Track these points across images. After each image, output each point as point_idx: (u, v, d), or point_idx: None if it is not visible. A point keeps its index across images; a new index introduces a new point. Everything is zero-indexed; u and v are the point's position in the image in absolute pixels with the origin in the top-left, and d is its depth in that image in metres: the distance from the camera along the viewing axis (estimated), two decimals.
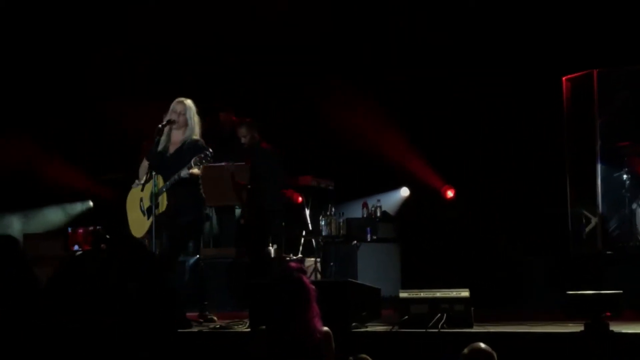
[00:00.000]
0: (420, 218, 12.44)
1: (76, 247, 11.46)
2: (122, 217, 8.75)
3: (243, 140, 10.73)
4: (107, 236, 11.34)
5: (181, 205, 8.24)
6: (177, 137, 8.33)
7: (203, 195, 8.46)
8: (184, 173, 8.08)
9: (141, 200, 8.47)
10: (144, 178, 8.37)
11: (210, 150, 8.16)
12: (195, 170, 8.15)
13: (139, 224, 8.47)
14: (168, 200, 8.23)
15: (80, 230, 12.08)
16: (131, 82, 12.24)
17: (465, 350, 4.84)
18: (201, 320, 8.18)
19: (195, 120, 8.35)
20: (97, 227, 11.82)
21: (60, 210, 12.94)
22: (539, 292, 9.95)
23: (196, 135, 8.33)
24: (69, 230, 11.85)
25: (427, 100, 12.15)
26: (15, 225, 12.52)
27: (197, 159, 8.06)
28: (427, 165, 12.44)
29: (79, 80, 12.47)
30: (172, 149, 8.34)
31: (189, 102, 8.38)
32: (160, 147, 8.36)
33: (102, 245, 11.14)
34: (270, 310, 5.39)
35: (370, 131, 12.19)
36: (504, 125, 11.82)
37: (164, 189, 8.21)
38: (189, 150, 8.18)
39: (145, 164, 8.42)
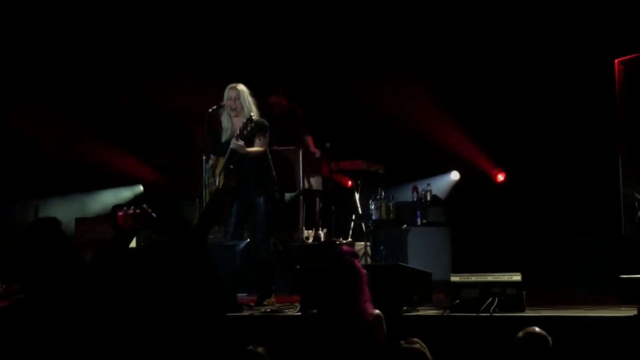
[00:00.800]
0: (471, 202, 12.36)
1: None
2: (173, 201, 8.84)
3: None
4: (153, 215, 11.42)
5: (249, 185, 8.30)
6: (238, 123, 8.39)
7: (274, 176, 8.51)
8: (233, 143, 8.13)
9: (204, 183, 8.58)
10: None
11: (260, 121, 8.21)
12: (254, 148, 8.22)
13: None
14: (225, 178, 8.30)
15: (120, 213, 12.13)
16: (181, 65, 12.23)
17: (520, 334, 4.81)
18: (252, 304, 8.22)
19: (250, 102, 8.40)
20: (141, 207, 11.89)
21: (111, 194, 13.02)
22: (591, 275, 9.85)
23: (255, 116, 8.37)
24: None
25: (477, 83, 12.07)
26: (67, 209, 12.63)
27: (242, 126, 8.11)
28: (477, 148, 12.37)
29: (128, 62, 12.48)
30: (235, 134, 8.40)
31: (241, 86, 8.44)
32: (224, 138, 8.44)
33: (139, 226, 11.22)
34: (322, 294, 5.39)
35: (421, 115, 12.13)
36: (556, 108, 11.73)
37: (222, 169, 8.30)
38: (251, 129, 8.22)
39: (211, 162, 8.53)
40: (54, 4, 11.78)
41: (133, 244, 11.29)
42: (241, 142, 8.13)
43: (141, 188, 13.02)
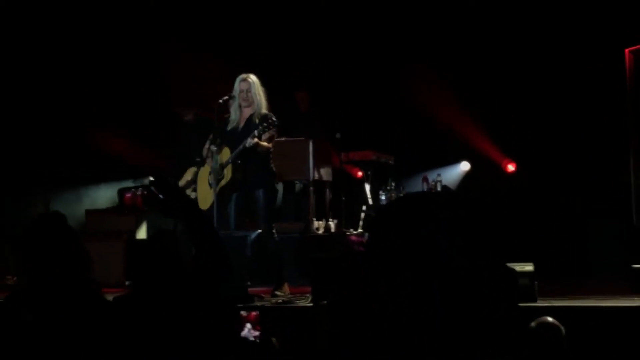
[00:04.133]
0: (481, 192, 12.34)
1: None
2: (183, 192, 8.83)
3: None
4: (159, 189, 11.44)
5: (251, 178, 8.34)
6: (246, 113, 8.46)
7: (274, 169, 8.53)
8: (248, 142, 8.18)
9: (210, 173, 8.60)
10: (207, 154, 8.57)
11: (273, 118, 8.24)
12: (264, 144, 8.23)
13: (205, 197, 8.64)
14: (233, 173, 8.34)
15: (128, 194, 12.18)
16: (194, 55, 12.22)
17: (533, 324, 4.81)
18: (263, 295, 8.23)
19: (261, 94, 8.44)
20: (148, 189, 11.95)
21: (119, 186, 13.02)
22: (603, 264, 9.84)
23: (264, 109, 8.41)
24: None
25: (487, 72, 12.04)
26: (77, 201, 12.65)
27: (261, 127, 8.15)
28: (487, 138, 12.35)
29: (139, 53, 12.48)
30: (242, 125, 8.45)
31: (252, 77, 8.48)
32: (231, 126, 8.48)
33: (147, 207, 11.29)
34: (332, 284, 5.39)
35: (430, 105, 12.11)
36: (566, 98, 11.71)
37: (230, 160, 8.33)
38: (257, 123, 8.27)
39: (212, 147, 8.55)
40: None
41: (143, 234, 11.38)
42: (259, 141, 8.19)
43: (151, 179, 12.98)
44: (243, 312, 5.83)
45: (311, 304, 7.39)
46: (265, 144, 8.31)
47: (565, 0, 11.43)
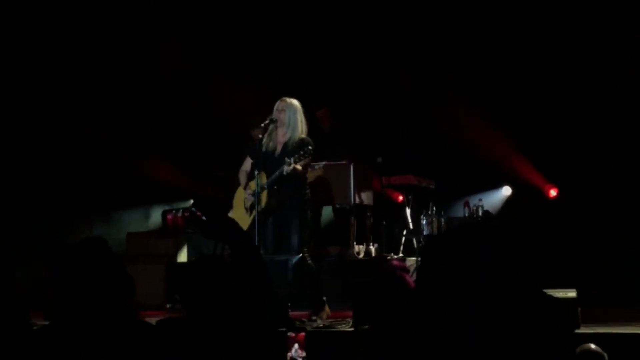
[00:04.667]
0: (523, 217, 12.26)
1: None
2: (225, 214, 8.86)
3: None
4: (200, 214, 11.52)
5: (285, 203, 8.34)
6: (281, 136, 8.45)
7: (308, 194, 8.52)
8: (285, 170, 8.17)
9: (245, 198, 8.62)
10: (245, 180, 8.57)
11: (310, 147, 8.22)
12: (298, 167, 8.20)
13: (241, 221, 8.60)
14: (268, 198, 8.34)
15: (169, 216, 12.25)
16: (237, 78, 12.28)
17: (576, 351, 4.75)
18: (304, 319, 8.21)
19: (297, 118, 8.44)
20: (190, 210, 11.99)
21: (161, 209, 13.10)
22: None
23: (301, 133, 8.40)
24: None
25: (529, 98, 12.00)
26: (119, 224, 12.73)
27: (297, 155, 8.13)
28: (529, 163, 12.29)
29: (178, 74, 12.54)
30: (278, 149, 8.44)
31: (290, 100, 8.49)
32: (264, 148, 8.49)
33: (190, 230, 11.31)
34: (373, 309, 5.36)
35: (472, 129, 12.08)
36: (608, 123, 11.62)
37: (266, 186, 8.34)
38: (293, 148, 8.26)
39: (245, 168, 8.57)
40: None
41: (183, 257, 11.40)
42: (299, 167, 8.18)
43: (192, 202, 13.06)
44: (291, 333, 5.83)
45: (352, 329, 7.37)
46: (300, 168, 8.28)
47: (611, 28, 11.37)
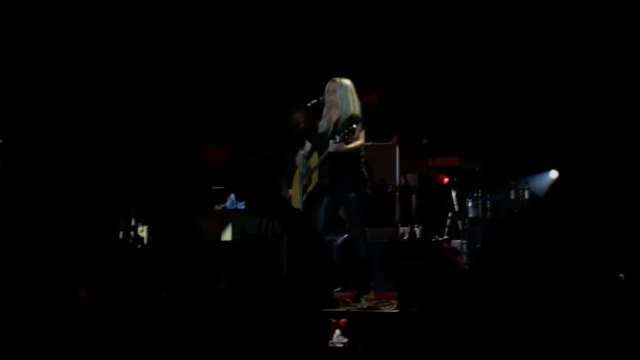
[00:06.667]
0: (569, 202, 12.14)
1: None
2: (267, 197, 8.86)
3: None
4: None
5: (340, 182, 8.28)
6: (334, 116, 8.41)
7: (365, 173, 8.45)
8: (331, 148, 8.11)
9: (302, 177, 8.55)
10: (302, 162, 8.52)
11: (355, 125, 8.10)
12: (350, 147, 8.10)
13: (296, 201, 8.59)
14: (319, 178, 8.29)
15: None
16: (279, 61, 12.27)
17: None
18: (348, 300, 8.18)
19: (349, 97, 8.37)
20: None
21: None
22: None
23: (354, 111, 8.34)
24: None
25: (580, 82, 11.89)
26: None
27: (343, 133, 8.06)
28: (577, 148, 12.16)
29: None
30: (331, 129, 8.41)
31: (340, 80, 8.43)
32: (322, 129, 8.45)
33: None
34: (424, 291, 5.33)
35: (520, 112, 11.99)
36: None
37: (317, 166, 8.30)
38: (342, 126, 8.20)
39: (303, 151, 8.54)
40: None
41: (228, 236, 11.42)
42: (340, 145, 8.09)
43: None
44: (332, 319, 5.79)
45: (397, 310, 7.32)
46: (351, 146, 8.15)
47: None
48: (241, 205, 11.77)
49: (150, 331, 4.02)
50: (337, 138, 8.08)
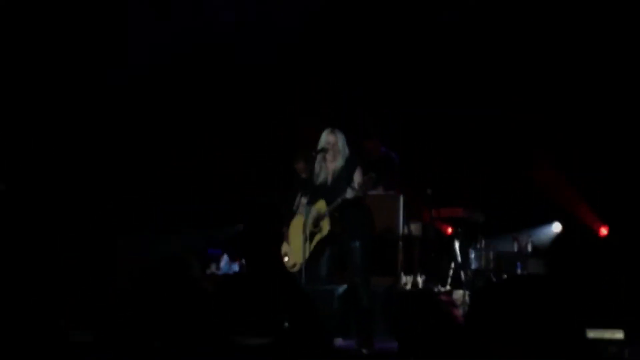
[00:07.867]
0: (572, 254, 12.17)
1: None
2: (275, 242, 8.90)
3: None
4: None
5: (347, 230, 8.31)
6: (332, 166, 8.46)
7: (372, 221, 8.51)
8: (349, 194, 8.13)
9: (304, 225, 8.53)
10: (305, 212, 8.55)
11: (374, 174, 8.19)
12: (360, 192, 8.16)
13: (298, 250, 8.56)
14: (331, 226, 8.31)
15: None
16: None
17: None
18: (348, 350, 8.18)
19: (346, 147, 8.47)
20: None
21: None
22: None
23: (346, 160, 8.44)
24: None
25: (583, 135, 11.94)
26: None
27: (363, 180, 8.10)
28: (581, 201, 12.21)
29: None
30: (330, 179, 8.44)
31: (338, 132, 8.51)
32: (319, 180, 8.50)
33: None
34: (418, 342, 5.38)
35: (522, 164, 12.05)
36: None
37: (327, 213, 8.31)
38: (348, 173, 8.27)
39: (303, 201, 8.58)
40: None
41: None
42: (359, 191, 8.16)
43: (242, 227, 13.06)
44: None
45: None
46: (361, 194, 8.19)
47: None
48: (235, 267, 11.81)
49: None
50: (356, 185, 8.13)
